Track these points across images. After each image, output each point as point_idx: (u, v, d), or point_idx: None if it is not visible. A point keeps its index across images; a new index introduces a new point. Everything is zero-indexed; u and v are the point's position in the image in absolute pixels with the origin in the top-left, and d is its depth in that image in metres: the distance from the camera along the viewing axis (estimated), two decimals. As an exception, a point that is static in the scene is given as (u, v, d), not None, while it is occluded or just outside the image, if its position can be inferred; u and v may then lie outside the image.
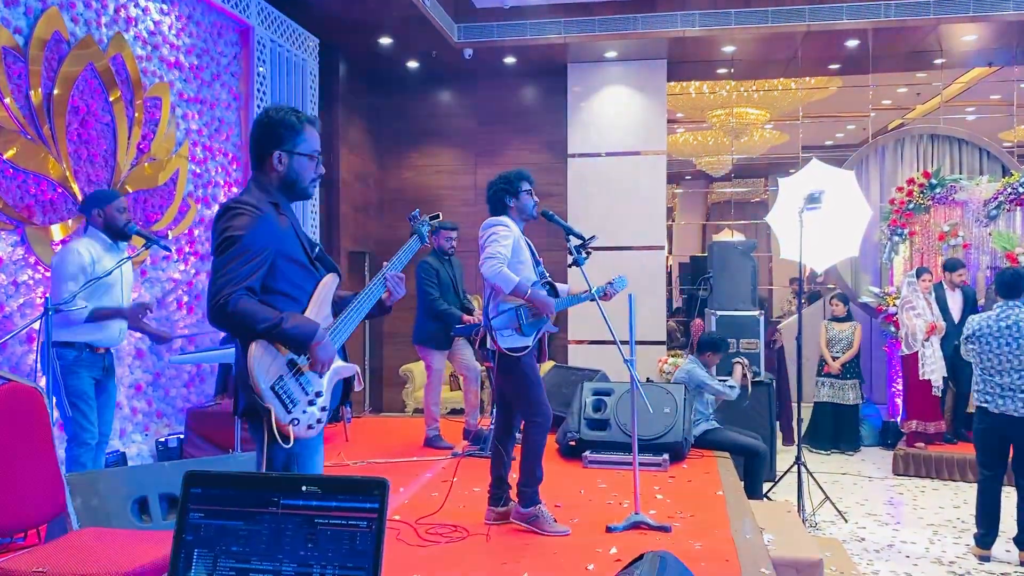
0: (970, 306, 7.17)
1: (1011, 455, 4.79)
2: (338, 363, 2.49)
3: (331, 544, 1.34)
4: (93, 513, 3.02)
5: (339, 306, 2.57)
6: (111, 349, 4.18)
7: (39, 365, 3.86)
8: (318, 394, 2.40)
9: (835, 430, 7.93)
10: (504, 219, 4.00)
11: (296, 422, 2.31)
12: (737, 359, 5.89)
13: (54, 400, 3.89)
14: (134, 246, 4.60)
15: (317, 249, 2.58)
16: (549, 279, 4.15)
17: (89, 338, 3.99)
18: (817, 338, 8.02)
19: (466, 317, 5.96)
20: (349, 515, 1.34)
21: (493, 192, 4.08)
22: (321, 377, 2.42)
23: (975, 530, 4.94)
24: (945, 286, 7.28)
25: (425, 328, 6.05)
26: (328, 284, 2.51)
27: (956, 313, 7.13)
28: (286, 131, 2.44)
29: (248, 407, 2.34)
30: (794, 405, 6.22)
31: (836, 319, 8.01)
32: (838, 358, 7.86)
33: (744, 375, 6.02)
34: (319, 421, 2.39)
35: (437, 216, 3.23)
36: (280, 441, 2.27)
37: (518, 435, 4.20)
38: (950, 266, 7.33)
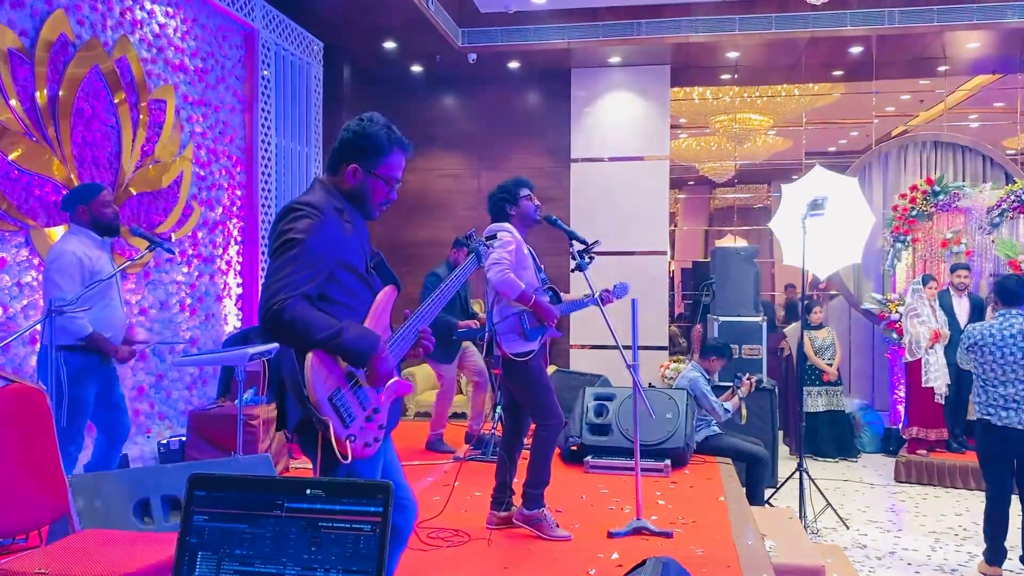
0: (978, 313, 7.15)
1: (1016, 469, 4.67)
2: (395, 379, 2.35)
3: (335, 547, 1.34)
4: (95, 515, 3.02)
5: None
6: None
7: (39, 368, 3.84)
8: (376, 410, 2.27)
9: (835, 438, 7.88)
10: (507, 225, 4.01)
11: (353, 438, 2.17)
12: (748, 376, 5.79)
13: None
14: (137, 248, 4.60)
15: (377, 259, 2.47)
16: (552, 286, 4.16)
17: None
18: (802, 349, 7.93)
19: (462, 323, 5.94)
20: (353, 518, 1.35)
21: (494, 203, 4.10)
22: (379, 392, 2.29)
23: (979, 539, 4.87)
24: (952, 292, 7.28)
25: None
26: (387, 296, 2.41)
27: (963, 319, 7.11)
28: (371, 148, 2.36)
29: (301, 421, 2.19)
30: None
31: (815, 327, 7.94)
32: (831, 364, 7.82)
33: (750, 392, 5.87)
34: (376, 440, 2.26)
35: (494, 236, 3.20)
36: (338, 456, 2.13)
37: (526, 441, 4.20)
38: (952, 267, 7.36)
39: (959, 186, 8.27)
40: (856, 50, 8.74)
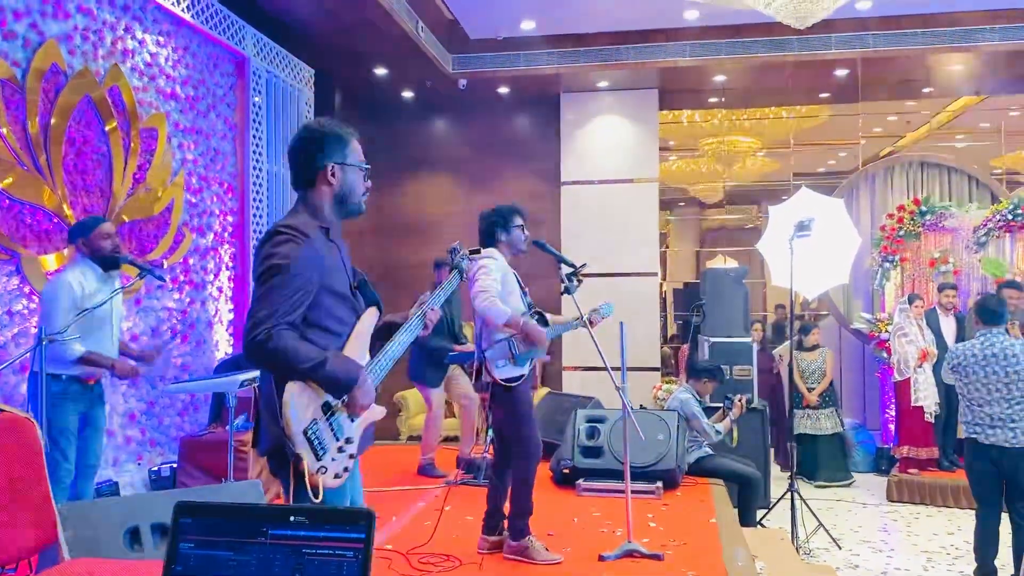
0: (963, 332, 7.20)
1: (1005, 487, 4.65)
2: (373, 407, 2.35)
3: (318, 574, 1.36)
4: (85, 543, 3.01)
5: (375, 336, 2.45)
6: (101, 380, 4.17)
7: (28, 395, 3.85)
8: (348, 440, 2.26)
9: (818, 461, 7.76)
10: (492, 251, 4.05)
11: (324, 470, 2.16)
12: (739, 397, 5.81)
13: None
14: (128, 276, 4.62)
15: (360, 278, 2.46)
16: (538, 309, 4.19)
17: (78, 371, 3.97)
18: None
19: (457, 347, 5.98)
20: (336, 545, 1.36)
21: (486, 224, 4.14)
22: (353, 422, 2.28)
23: (972, 558, 4.85)
24: (939, 311, 7.32)
25: (419, 365, 6.08)
26: (369, 319, 2.38)
27: (950, 338, 7.15)
28: (335, 142, 2.34)
29: (274, 447, 2.19)
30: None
31: (807, 348, 7.86)
32: (813, 389, 7.73)
33: (741, 413, 5.88)
34: (346, 470, 2.24)
35: (477, 250, 3.20)
36: (310, 493, 2.11)
37: None
38: (939, 287, 7.42)
39: (946, 206, 8.35)
40: (842, 73, 8.85)
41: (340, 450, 2.23)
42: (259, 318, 2.10)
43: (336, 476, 2.21)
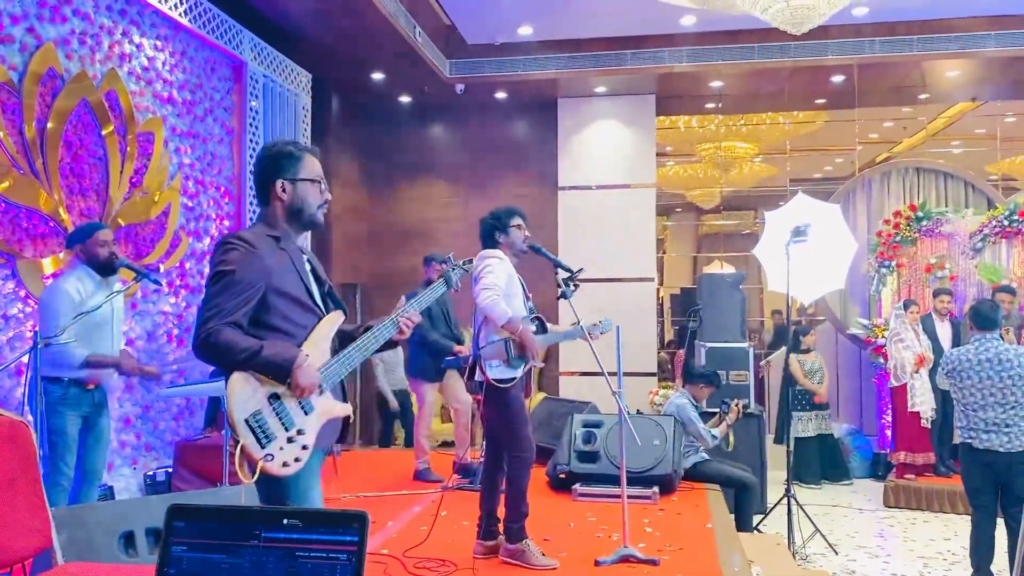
0: (959, 337, 7.21)
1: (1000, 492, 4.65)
2: (328, 401, 2.42)
3: (311, 576, 1.36)
4: (79, 548, 3.01)
5: (345, 340, 2.53)
6: (102, 384, 4.16)
7: (26, 399, 3.84)
8: (300, 432, 2.33)
9: (824, 462, 7.89)
10: (498, 252, 4.07)
11: (270, 457, 2.26)
12: (736, 402, 5.81)
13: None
14: (125, 280, 4.61)
15: (327, 286, 2.58)
16: (539, 315, 4.19)
17: (84, 374, 3.96)
18: (791, 373, 7.94)
19: (457, 348, 5.98)
20: (329, 548, 1.36)
21: (484, 227, 4.16)
22: (307, 413, 2.35)
23: (968, 564, 4.85)
24: (934, 316, 7.33)
25: (417, 360, 6.08)
26: (331, 321, 2.48)
27: (946, 344, 7.16)
28: (285, 160, 2.50)
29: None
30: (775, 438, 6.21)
31: (805, 351, 7.99)
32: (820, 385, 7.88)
33: (737, 418, 5.88)
34: (297, 460, 2.31)
35: (471, 261, 3.21)
36: (242, 473, 2.24)
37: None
38: (934, 292, 7.44)
39: (942, 212, 8.36)
40: (838, 79, 8.87)
41: (290, 440, 2.32)
42: (204, 319, 2.28)
43: (285, 464, 2.29)
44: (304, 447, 2.34)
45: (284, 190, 2.49)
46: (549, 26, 8.31)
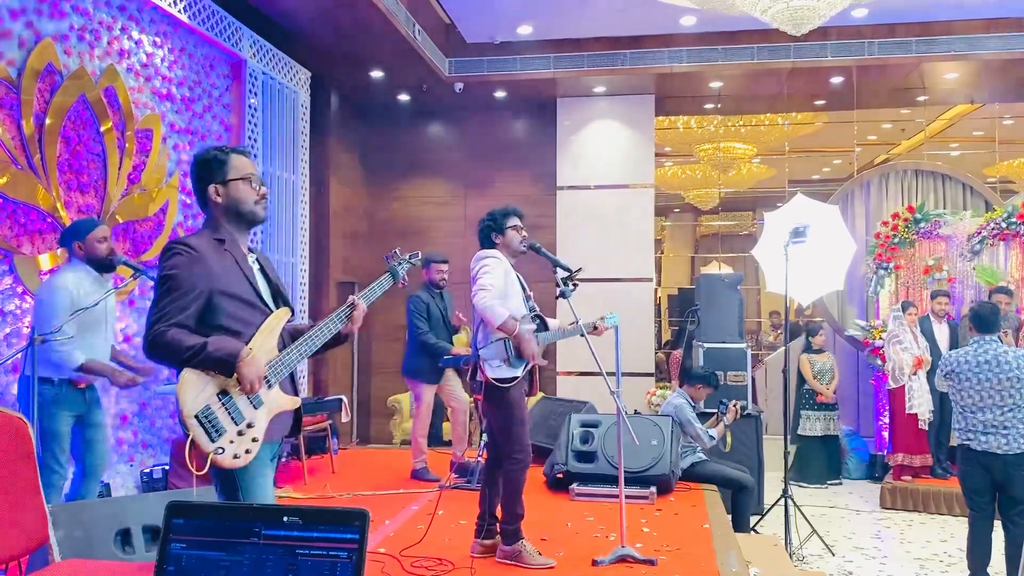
0: (957, 339, 7.21)
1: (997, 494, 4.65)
2: (277, 394, 2.51)
3: (312, 574, 1.35)
4: (76, 545, 3.00)
5: (297, 337, 2.62)
6: (95, 383, 4.14)
7: (27, 395, 3.83)
8: (249, 425, 2.41)
9: (825, 462, 7.91)
10: (495, 252, 4.05)
11: (221, 451, 2.34)
12: (734, 403, 5.82)
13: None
14: (122, 276, 4.60)
15: (275, 286, 2.66)
16: (539, 313, 4.18)
17: (70, 374, 3.95)
18: (800, 372, 7.99)
19: (455, 349, 5.98)
20: (330, 545, 1.35)
21: (481, 228, 4.16)
22: (256, 408, 2.43)
23: (965, 566, 4.85)
24: (932, 318, 7.34)
25: (414, 361, 6.07)
26: (277, 317, 2.56)
27: (944, 345, 7.17)
28: (213, 164, 2.57)
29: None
30: (780, 438, 6.21)
31: (817, 351, 8.03)
32: (828, 386, 7.90)
33: (735, 419, 5.88)
34: (248, 452, 2.40)
35: (416, 255, 3.25)
36: (191, 465, 2.30)
37: None
38: (932, 294, 7.45)
39: (940, 214, 8.37)
40: (837, 80, 8.87)
41: (240, 433, 2.40)
42: (151, 322, 2.37)
43: (235, 457, 2.38)
44: (254, 439, 2.43)
45: (218, 193, 2.56)
46: (549, 25, 8.30)
